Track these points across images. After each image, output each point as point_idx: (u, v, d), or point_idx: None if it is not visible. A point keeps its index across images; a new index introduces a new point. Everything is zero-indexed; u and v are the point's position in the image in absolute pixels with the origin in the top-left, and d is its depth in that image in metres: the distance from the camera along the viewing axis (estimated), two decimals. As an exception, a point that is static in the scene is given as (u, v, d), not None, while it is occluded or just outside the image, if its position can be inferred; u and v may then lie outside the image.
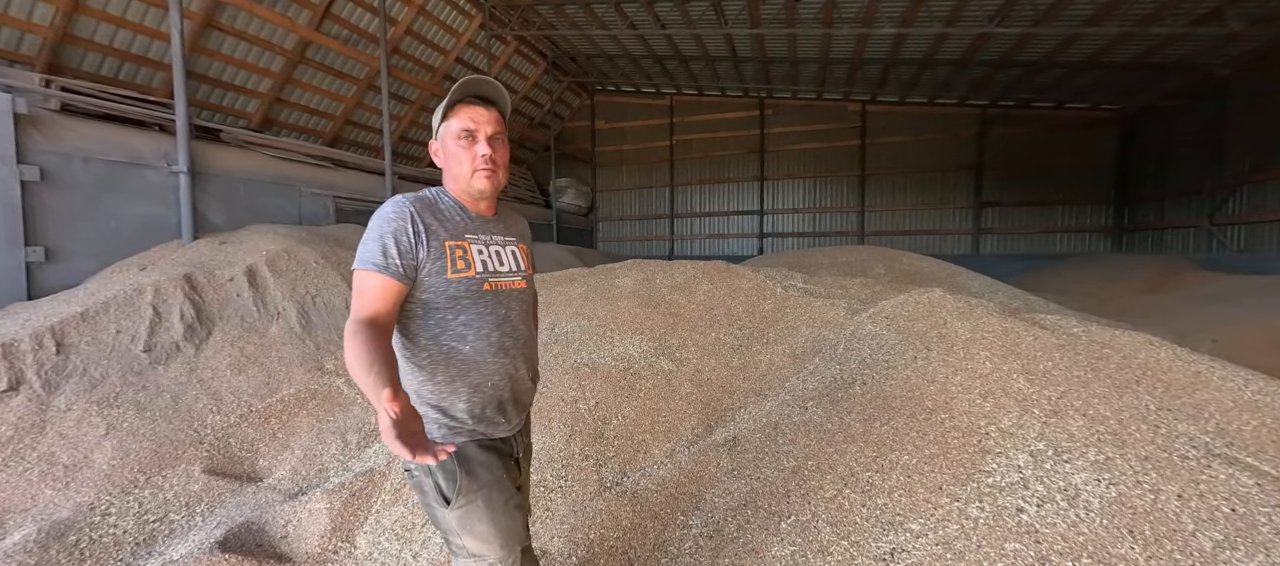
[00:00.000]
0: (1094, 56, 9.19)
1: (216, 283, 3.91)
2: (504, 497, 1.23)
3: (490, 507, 1.20)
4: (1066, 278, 9.19)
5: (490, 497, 1.20)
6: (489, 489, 1.21)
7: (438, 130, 1.27)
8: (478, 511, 1.19)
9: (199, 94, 6.87)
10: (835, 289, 4.06)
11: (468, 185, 1.23)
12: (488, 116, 1.23)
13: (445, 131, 1.24)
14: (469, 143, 1.22)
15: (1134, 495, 1.61)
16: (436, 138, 1.28)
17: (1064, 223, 12.01)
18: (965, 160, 12.32)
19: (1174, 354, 2.35)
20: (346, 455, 2.89)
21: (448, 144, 1.24)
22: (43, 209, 4.03)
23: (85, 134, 4.41)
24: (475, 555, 1.21)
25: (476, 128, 1.22)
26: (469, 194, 1.25)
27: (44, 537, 2.13)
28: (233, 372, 3.36)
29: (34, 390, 2.81)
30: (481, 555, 1.21)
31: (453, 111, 1.23)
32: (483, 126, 1.22)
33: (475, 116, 1.22)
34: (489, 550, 1.21)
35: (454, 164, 1.23)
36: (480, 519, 1.19)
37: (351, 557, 2.14)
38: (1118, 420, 1.91)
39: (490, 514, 1.20)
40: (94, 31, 5.66)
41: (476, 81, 1.23)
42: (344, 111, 8.73)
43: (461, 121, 1.22)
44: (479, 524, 1.19)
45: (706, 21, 9.45)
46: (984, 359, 2.32)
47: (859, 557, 1.64)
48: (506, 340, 1.24)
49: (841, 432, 2.19)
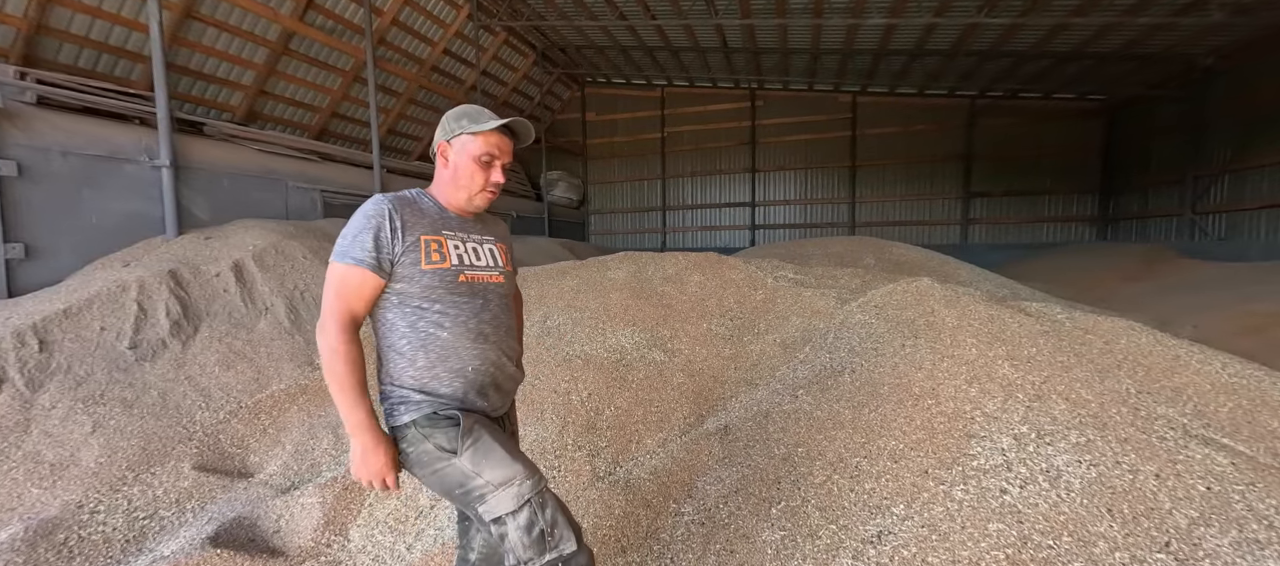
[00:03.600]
0: (1081, 47, 9.27)
1: (202, 278, 3.86)
2: (504, 436, 1.27)
3: (497, 440, 1.22)
4: (1051, 266, 9.33)
5: (495, 433, 1.24)
6: (486, 424, 1.25)
7: (454, 134, 1.27)
8: (486, 444, 1.20)
9: (180, 87, 6.74)
10: (825, 279, 4.10)
11: (468, 201, 1.29)
12: (508, 148, 1.31)
13: (466, 146, 1.27)
14: (486, 168, 1.28)
15: (1113, 475, 1.66)
16: (448, 139, 1.29)
17: (1051, 212, 12.15)
18: (954, 151, 12.40)
19: (1154, 339, 2.40)
20: (339, 449, 2.88)
21: (464, 160, 1.27)
22: (21, 204, 3.95)
23: (64, 128, 4.32)
24: (503, 483, 1.18)
25: (498, 158, 1.29)
26: (461, 205, 1.31)
27: (32, 536, 2.11)
28: (221, 369, 3.33)
29: (17, 388, 2.77)
30: (509, 479, 1.18)
31: (484, 134, 1.27)
32: (502, 157, 1.29)
33: (502, 147, 1.29)
34: (514, 472, 1.19)
35: (464, 178, 1.27)
36: (492, 448, 1.20)
37: (345, 550, 2.15)
38: (1099, 403, 1.96)
39: (499, 441, 1.22)
40: (70, 22, 5.52)
41: (518, 122, 1.29)
42: (330, 104, 8.60)
43: (488, 147, 1.27)
44: (494, 451, 1.20)
45: (697, 11, 9.40)
46: (970, 345, 2.36)
47: (847, 540, 1.67)
48: (486, 327, 1.27)
49: (831, 420, 2.22)
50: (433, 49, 9.62)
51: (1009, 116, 12.02)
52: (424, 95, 10.09)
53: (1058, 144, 11.80)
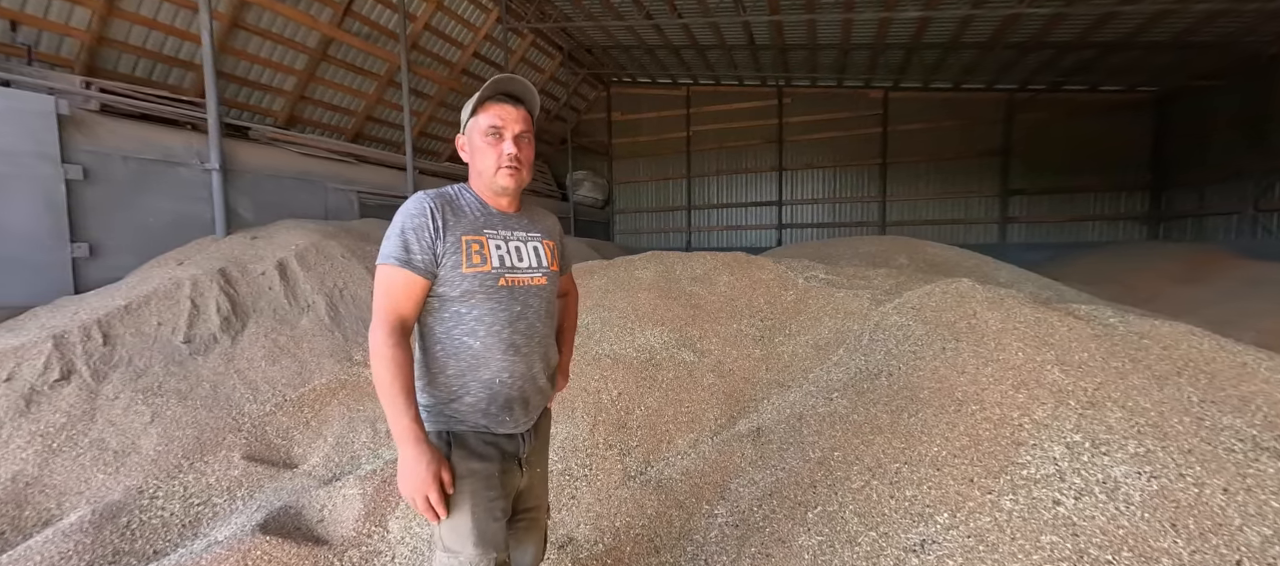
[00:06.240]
0: (1129, 36, 8.80)
1: (249, 276, 4.03)
2: (490, 495, 1.20)
3: (474, 500, 1.17)
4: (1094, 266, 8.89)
5: (476, 490, 1.18)
6: (477, 480, 1.18)
7: (466, 125, 1.28)
8: (460, 502, 1.16)
9: (227, 93, 7.05)
10: (857, 280, 4.01)
11: (491, 181, 1.24)
12: (515, 115, 1.24)
13: (473, 127, 1.25)
14: (495, 140, 1.22)
15: (1177, 488, 1.57)
16: (464, 132, 1.29)
17: (1095, 210, 11.59)
18: (991, 146, 11.96)
19: (1217, 344, 2.26)
20: (376, 442, 2.96)
21: (475, 139, 1.24)
22: (86, 206, 4.20)
23: (123, 133, 4.57)
24: (450, 550, 1.17)
25: (504, 125, 1.23)
26: (492, 190, 1.25)
27: (98, 518, 2.24)
28: (267, 363, 3.47)
29: (84, 379, 2.95)
30: (455, 551, 1.17)
31: (482, 108, 1.24)
32: (510, 124, 1.23)
33: (503, 114, 1.23)
34: (463, 547, 1.16)
35: (480, 159, 1.24)
36: (461, 511, 1.16)
37: (385, 542, 2.21)
38: (1158, 412, 1.86)
39: (472, 506, 1.17)
40: (128, 33, 5.84)
41: (507, 80, 1.24)
42: (365, 108, 8.87)
43: (490, 118, 1.22)
44: (459, 516, 1.16)
45: (724, 9, 9.32)
46: (1016, 349, 2.27)
47: (888, 548, 1.63)
48: (519, 337, 1.23)
49: (868, 424, 2.17)
50: (463, 52, 9.82)
51: (1050, 110, 11.52)
52: (454, 97, 10.30)
53: (1102, 138, 11.25)
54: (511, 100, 1.25)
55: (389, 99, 9.09)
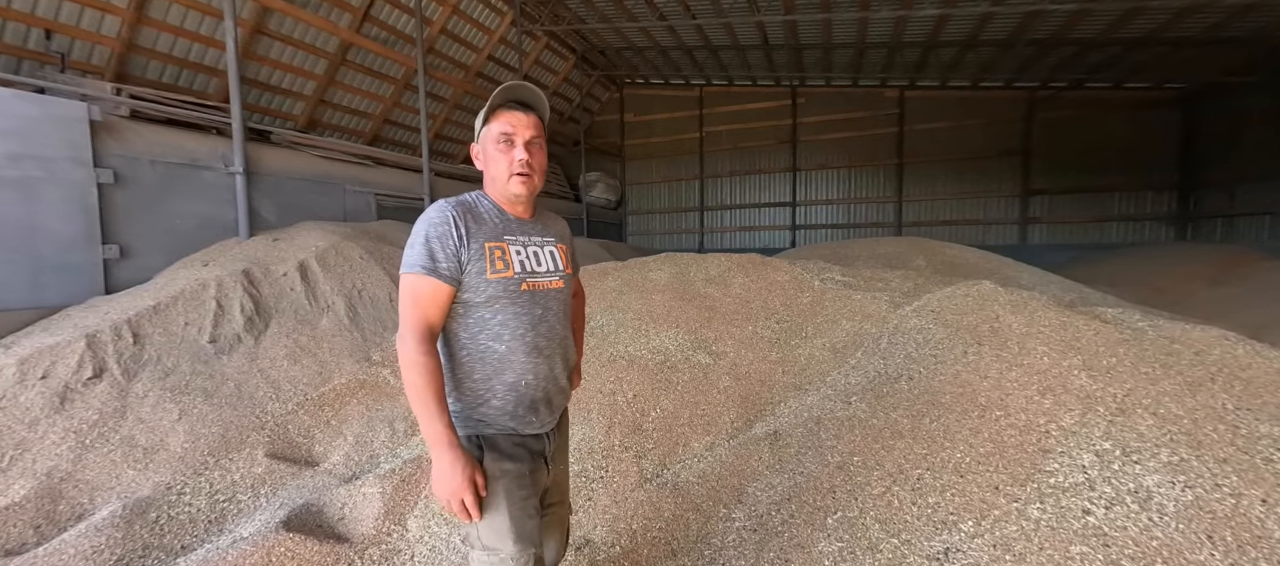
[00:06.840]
0: (1156, 32, 8.57)
1: (272, 277, 4.11)
2: (523, 494, 1.23)
3: (509, 500, 1.20)
4: (1118, 268, 8.66)
5: (510, 490, 1.21)
6: (510, 480, 1.21)
7: (479, 134, 1.31)
8: (496, 501, 1.19)
9: (250, 98, 7.21)
10: (875, 281, 3.96)
11: (504, 188, 1.26)
12: (526, 121, 1.26)
13: (486, 135, 1.28)
14: (507, 147, 1.25)
15: (1213, 499, 1.52)
16: (478, 141, 1.32)
17: (1120, 210, 11.30)
18: (1011, 146, 11.73)
19: (1252, 350, 2.19)
20: (395, 441, 3.00)
21: (487, 147, 1.27)
22: (116, 209, 4.32)
23: (151, 138, 4.70)
24: (489, 548, 1.20)
25: (515, 132, 1.25)
26: (506, 197, 1.28)
27: (128, 514, 2.30)
28: (289, 362, 3.53)
29: (115, 377, 3.03)
30: (495, 549, 1.19)
31: (493, 116, 1.27)
32: (521, 131, 1.25)
33: (514, 121, 1.25)
34: (502, 544, 1.19)
35: (493, 167, 1.27)
36: (497, 510, 1.19)
37: (404, 539, 2.24)
38: (1191, 420, 1.80)
39: (508, 505, 1.20)
40: (156, 41, 6.00)
41: (516, 87, 1.26)
42: (382, 111, 9.00)
43: (501, 126, 1.25)
44: (495, 516, 1.19)
45: (738, 9, 9.28)
46: (1041, 354, 2.22)
47: (910, 556, 1.61)
48: (541, 340, 1.26)
49: (888, 428, 2.14)
50: (478, 56, 9.92)
51: (1072, 108, 11.27)
52: (469, 100, 10.40)
53: (1127, 137, 10.96)
54: (522, 107, 1.28)
55: (406, 102, 9.22)
